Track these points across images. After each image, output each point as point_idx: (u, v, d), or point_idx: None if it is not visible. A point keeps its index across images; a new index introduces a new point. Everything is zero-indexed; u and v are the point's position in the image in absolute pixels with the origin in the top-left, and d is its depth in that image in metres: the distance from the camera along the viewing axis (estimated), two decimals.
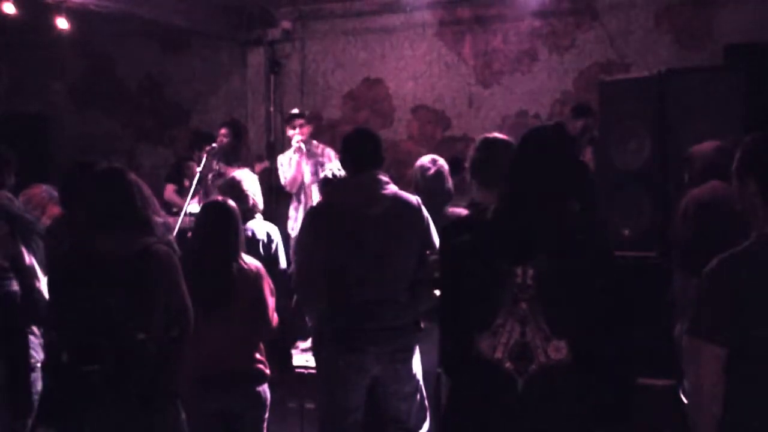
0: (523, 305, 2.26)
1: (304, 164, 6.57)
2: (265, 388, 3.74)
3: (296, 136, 6.63)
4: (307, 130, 6.68)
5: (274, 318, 3.76)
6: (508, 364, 2.26)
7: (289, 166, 6.65)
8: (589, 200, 3.04)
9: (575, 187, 2.39)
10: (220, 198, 3.88)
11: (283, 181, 6.71)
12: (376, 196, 3.61)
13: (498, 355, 2.26)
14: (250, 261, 3.74)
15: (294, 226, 6.43)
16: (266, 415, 3.77)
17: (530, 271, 2.25)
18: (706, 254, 2.32)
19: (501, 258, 2.29)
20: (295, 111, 6.87)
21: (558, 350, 2.25)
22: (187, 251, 3.68)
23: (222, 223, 3.66)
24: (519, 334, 2.26)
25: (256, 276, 3.69)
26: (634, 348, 2.50)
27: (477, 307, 2.31)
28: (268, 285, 3.74)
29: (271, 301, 3.73)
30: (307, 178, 6.54)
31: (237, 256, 3.66)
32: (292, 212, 6.63)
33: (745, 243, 2.25)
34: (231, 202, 3.76)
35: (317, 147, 6.70)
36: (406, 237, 3.66)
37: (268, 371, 3.75)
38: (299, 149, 6.57)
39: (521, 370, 2.26)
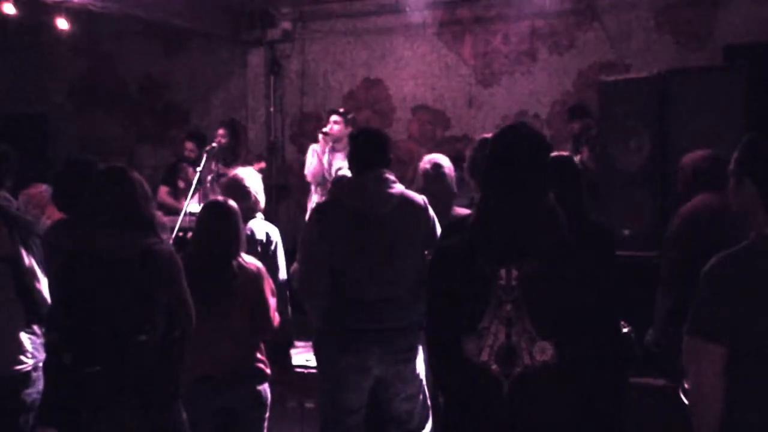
0: (508, 307, 2.25)
1: (339, 160, 6.61)
2: (265, 388, 3.74)
3: (327, 129, 6.80)
4: (340, 128, 6.77)
5: (275, 317, 3.76)
6: (494, 367, 2.25)
7: (313, 157, 6.81)
8: (574, 193, 2.99)
9: (551, 182, 2.36)
10: (220, 198, 3.88)
11: (306, 170, 6.88)
12: (382, 195, 3.59)
13: (484, 357, 2.26)
14: (250, 260, 3.73)
15: None
16: (266, 415, 3.76)
17: (514, 273, 2.24)
18: (693, 278, 2.29)
19: (484, 260, 2.28)
20: (341, 110, 7.04)
21: (543, 352, 2.23)
22: (186, 251, 3.68)
23: (222, 223, 3.65)
24: (505, 337, 2.25)
25: (256, 275, 3.69)
26: (622, 349, 2.49)
27: (462, 309, 2.30)
28: (268, 284, 3.74)
29: (271, 301, 3.73)
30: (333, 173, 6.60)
31: (237, 256, 3.66)
32: (311, 206, 6.67)
33: (744, 242, 2.24)
34: (231, 202, 3.75)
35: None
36: (411, 237, 3.63)
37: (268, 371, 3.75)
38: (320, 141, 6.77)
39: (507, 372, 2.25)
